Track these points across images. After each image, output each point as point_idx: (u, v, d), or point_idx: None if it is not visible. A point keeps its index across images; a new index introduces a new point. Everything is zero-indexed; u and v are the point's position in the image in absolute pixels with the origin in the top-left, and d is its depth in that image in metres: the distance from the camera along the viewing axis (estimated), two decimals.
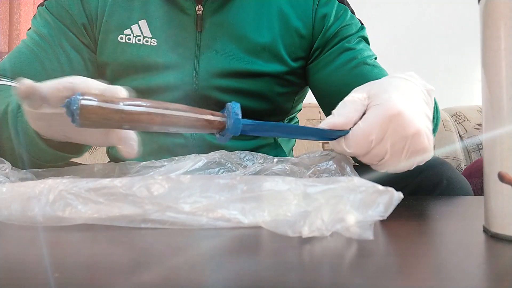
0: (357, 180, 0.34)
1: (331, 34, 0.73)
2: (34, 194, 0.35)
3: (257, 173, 0.48)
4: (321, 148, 1.40)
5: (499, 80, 0.33)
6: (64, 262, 0.27)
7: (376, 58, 0.73)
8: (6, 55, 0.70)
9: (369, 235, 0.31)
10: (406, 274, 0.26)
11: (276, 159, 0.52)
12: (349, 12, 0.75)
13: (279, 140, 0.83)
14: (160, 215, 0.34)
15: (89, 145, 0.58)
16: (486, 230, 0.35)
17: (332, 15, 0.73)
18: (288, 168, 0.49)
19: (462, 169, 1.40)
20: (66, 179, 0.36)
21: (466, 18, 1.77)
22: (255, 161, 0.54)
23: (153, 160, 0.55)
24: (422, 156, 0.44)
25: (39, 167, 0.53)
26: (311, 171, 0.48)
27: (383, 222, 0.35)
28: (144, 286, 0.23)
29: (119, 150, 0.44)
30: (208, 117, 0.41)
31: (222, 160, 0.52)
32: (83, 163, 0.60)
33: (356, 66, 0.70)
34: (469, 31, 1.82)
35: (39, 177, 0.50)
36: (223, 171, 0.51)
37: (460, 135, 1.52)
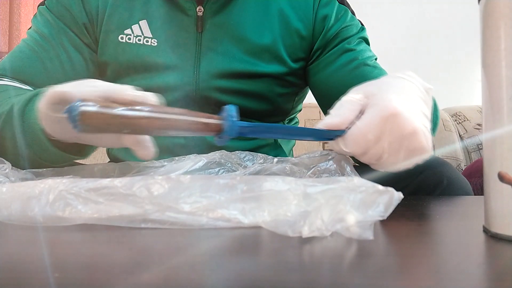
0: (357, 180, 0.34)
1: (332, 35, 0.73)
2: (34, 194, 0.35)
3: (257, 173, 0.48)
4: (321, 148, 1.40)
5: (499, 80, 0.33)
6: (64, 262, 0.27)
7: (377, 59, 0.73)
8: (7, 55, 0.70)
9: (369, 235, 0.31)
10: (406, 274, 0.26)
11: (276, 159, 0.52)
12: (350, 13, 0.75)
13: (279, 140, 0.83)
14: (160, 215, 0.34)
15: (95, 147, 0.58)
16: (486, 230, 0.35)
17: (333, 16, 0.73)
18: (288, 168, 0.49)
19: (462, 169, 1.40)
20: (66, 179, 0.36)
21: (466, 18, 1.77)
22: (255, 161, 0.54)
23: (153, 161, 0.55)
24: (421, 155, 0.44)
25: (43, 167, 0.53)
26: (311, 171, 0.48)
27: (383, 222, 0.35)
28: (144, 286, 0.23)
29: (135, 152, 0.44)
30: (205, 120, 0.41)
31: (222, 160, 0.52)
32: (83, 163, 0.60)
33: (357, 67, 0.70)
34: (469, 31, 1.82)
35: (39, 177, 0.50)
36: (223, 171, 0.51)
37: (460, 135, 1.52)
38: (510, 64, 0.32)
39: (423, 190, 0.59)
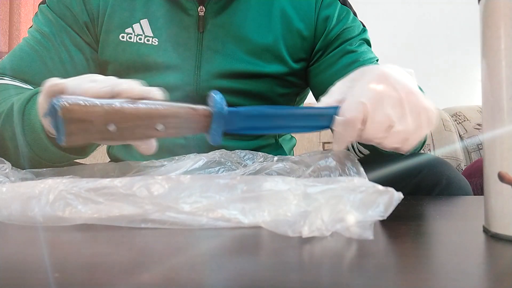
0: (357, 180, 0.34)
1: (333, 36, 0.73)
2: (34, 194, 0.35)
3: (257, 172, 0.48)
4: (321, 149, 1.40)
5: (499, 80, 0.33)
6: (64, 262, 0.27)
7: (378, 61, 0.73)
8: (7, 54, 0.70)
9: (369, 235, 0.31)
10: (406, 274, 0.26)
11: (276, 158, 0.52)
12: (351, 14, 0.75)
13: (280, 140, 0.83)
14: (160, 215, 0.34)
15: (95, 147, 0.58)
16: (486, 230, 0.35)
17: (335, 17, 0.73)
18: (288, 167, 0.49)
19: (462, 169, 1.40)
20: (66, 179, 0.36)
21: (466, 18, 1.77)
22: (255, 160, 0.54)
23: (153, 160, 0.55)
24: (427, 115, 0.43)
25: (43, 167, 0.53)
26: (311, 169, 0.48)
27: (383, 222, 0.35)
28: (144, 286, 0.23)
29: (137, 148, 0.43)
30: (192, 106, 0.41)
31: (222, 159, 0.52)
32: (83, 163, 0.60)
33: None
34: (469, 31, 1.82)
35: (39, 177, 0.50)
36: (223, 170, 0.51)
37: (460, 135, 1.52)
38: (510, 64, 0.32)
39: (422, 190, 0.59)
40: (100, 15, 0.71)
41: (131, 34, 0.71)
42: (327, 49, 0.73)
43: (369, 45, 0.76)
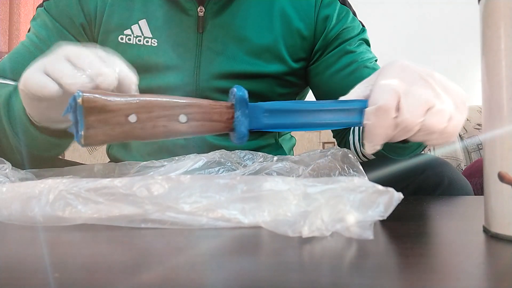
0: (357, 180, 0.34)
1: (333, 36, 0.73)
2: (34, 194, 0.35)
3: (257, 172, 0.48)
4: (321, 148, 1.40)
5: (499, 80, 0.33)
6: (64, 262, 0.27)
7: (377, 61, 0.73)
8: (6, 56, 0.70)
9: (369, 235, 0.31)
10: (406, 274, 0.26)
11: (276, 158, 0.52)
12: (351, 14, 0.75)
13: (280, 140, 0.83)
14: (160, 215, 0.34)
15: None
16: (486, 230, 0.35)
17: (334, 17, 0.73)
18: (288, 167, 0.49)
19: (462, 169, 1.40)
20: (66, 179, 0.36)
21: (466, 18, 1.77)
22: (255, 160, 0.54)
23: (153, 160, 0.55)
24: (458, 94, 0.41)
25: (37, 162, 0.53)
26: (311, 168, 0.48)
27: (383, 222, 0.35)
28: (144, 286, 0.23)
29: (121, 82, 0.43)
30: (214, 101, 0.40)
31: (222, 160, 0.52)
32: (83, 163, 0.60)
33: (356, 69, 0.70)
34: (469, 31, 1.82)
35: (39, 177, 0.50)
36: (223, 171, 0.51)
37: (460, 135, 1.52)
38: (510, 64, 0.32)
39: (424, 190, 0.59)
40: (98, 17, 0.71)
41: (130, 36, 0.71)
42: (327, 49, 0.74)
43: (368, 45, 0.76)
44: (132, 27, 0.71)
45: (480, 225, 0.36)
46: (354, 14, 0.76)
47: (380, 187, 0.33)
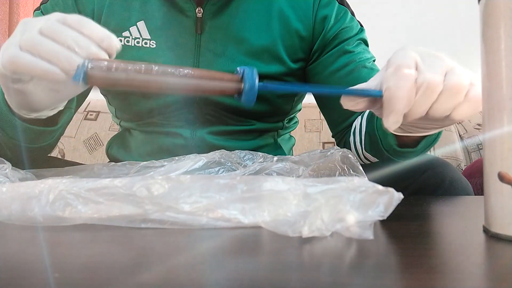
0: (357, 180, 0.34)
1: (331, 36, 0.73)
2: (34, 194, 0.35)
3: (257, 172, 0.48)
4: (321, 148, 1.40)
5: (499, 80, 0.33)
6: (64, 262, 0.27)
7: (375, 60, 0.73)
8: None
9: (369, 235, 0.31)
10: (406, 274, 0.26)
11: (276, 158, 0.52)
12: (349, 14, 0.75)
13: (279, 140, 0.83)
14: (160, 215, 0.34)
15: (67, 117, 0.58)
16: (486, 230, 0.35)
17: (332, 17, 0.73)
18: (288, 167, 0.49)
19: (462, 169, 1.40)
20: (66, 179, 0.36)
21: (466, 18, 1.77)
22: (255, 160, 0.54)
23: (153, 160, 0.55)
24: (468, 74, 0.40)
25: (30, 158, 0.54)
26: (311, 168, 0.48)
27: (383, 222, 0.35)
28: (144, 286, 0.23)
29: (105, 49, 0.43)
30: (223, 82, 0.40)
31: (222, 160, 0.52)
32: (83, 163, 0.60)
33: (355, 69, 0.70)
34: (469, 31, 1.82)
35: (39, 177, 0.50)
36: (223, 171, 0.51)
37: (460, 135, 1.52)
38: (510, 64, 0.32)
39: (425, 190, 0.59)
40: (96, 19, 0.71)
41: (129, 38, 0.71)
42: (325, 49, 0.74)
43: (367, 45, 0.76)
44: (131, 29, 0.71)
45: (480, 225, 0.36)
46: (353, 14, 0.76)
47: (380, 187, 0.33)
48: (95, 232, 0.34)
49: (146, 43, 0.70)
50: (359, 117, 0.67)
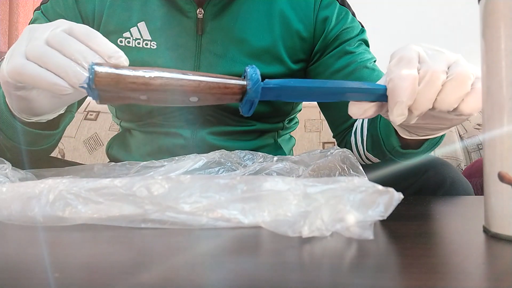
0: (357, 180, 0.34)
1: (332, 37, 0.73)
2: (34, 194, 0.35)
3: (257, 172, 0.48)
4: (321, 148, 1.40)
5: (499, 80, 0.33)
6: (64, 262, 0.27)
7: (375, 61, 0.73)
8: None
9: (369, 235, 0.31)
10: (406, 274, 0.26)
11: (276, 158, 0.52)
12: (350, 15, 0.75)
13: (280, 140, 0.83)
14: (160, 215, 0.34)
15: (68, 120, 0.58)
16: (486, 230, 0.35)
17: (333, 18, 0.73)
18: (288, 167, 0.49)
19: (462, 169, 1.40)
20: (66, 179, 0.36)
21: (466, 18, 1.77)
22: (255, 160, 0.54)
23: (153, 160, 0.55)
24: (474, 69, 0.40)
25: (31, 160, 0.54)
26: (311, 168, 0.48)
27: (383, 222, 0.35)
28: (144, 286, 0.23)
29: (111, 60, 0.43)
30: (227, 81, 0.40)
31: (222, 160, 0.52)
32: (83, 163, 0.60)
33: (356, 70, 0.70)
34: (469, 31, 1.82)
35: (39, 177, 0.50)
36: (223, 171, 0.51)
37: (460, 135, 1.52)
38: (510, 64, 0.32)
39: (426, 191, 0.59)
40: (96, 19, 0.71)
41: (129, 39, 0.71)
42: (326, 50, 0.74)
43: (368, 46, 0.76)
44: (131, 30, 0.71)
45: (480, 225, 0.36)
46: (353, 15, 0.76)
47: (380, 187, 0.33)
48: (95, 232, 0.34)
49: (147, 44, 0.70)
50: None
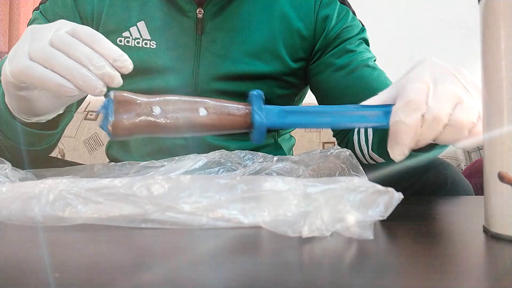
0: (357, 180, 0.33)
1: (333, 36, 0.73)
2: (34, 194, 0.35)
3: (257, 172, 0.48)
4: (321, 148, 1.40)
5: (499, 80, 0.33)
6: (64, 262, 0.27)
7: (376, 60, 0.73)
8: (6, 57, 0.70)
9: (369, 235, 0.31)
10: (406, 274, 0.26)
11: (276, 158, 0.52)
12: (351, 14, 0.75)
13: (280, 140, 0.83)
14: (160, 215, 0.34)
15: (67, 120, 0.58)
16: (486, 230, 0.35)
17: (334, 17, 0.73)
18: (288, 167, 0.49)
19: (462, 169, 1.40)
20: (66, 179, 0.36)
21: (466, 18, 1.77)
22: (255, 160, 0.54)
23: (153, 160, 0.55)
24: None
25: (30, 160, 0.54)
26: (311, 168, 0.48)
27: (383, 222, 0.35)
28: (144, 286, 0.23)
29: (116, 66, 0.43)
30: (234, 117, 0.42)
31: (222, 160, 0.52)
32: (83, 163, 0.60)
33: (356, 69, 0.70)
34: (469, 31, 1.82)
35: (39, 177, 0.50)
36: (223, 171, 0.51)
37: None
38: (510, 64, 0.32)
39: (427, 191, 0.59)
40: (95, 19, 0.71)
41: (129, 38, 0.71)
42: (327, 49, 0.74)
43: (368, 45, 0.76)
44: (131, 29, 0.70)
45: (480, 225, 0.36)
46: (354, 13, 0.76)
47: (380, 187, 0.33)
48: (95, 232, 0.34)
49: (146, 44, 0.70)
50: None
